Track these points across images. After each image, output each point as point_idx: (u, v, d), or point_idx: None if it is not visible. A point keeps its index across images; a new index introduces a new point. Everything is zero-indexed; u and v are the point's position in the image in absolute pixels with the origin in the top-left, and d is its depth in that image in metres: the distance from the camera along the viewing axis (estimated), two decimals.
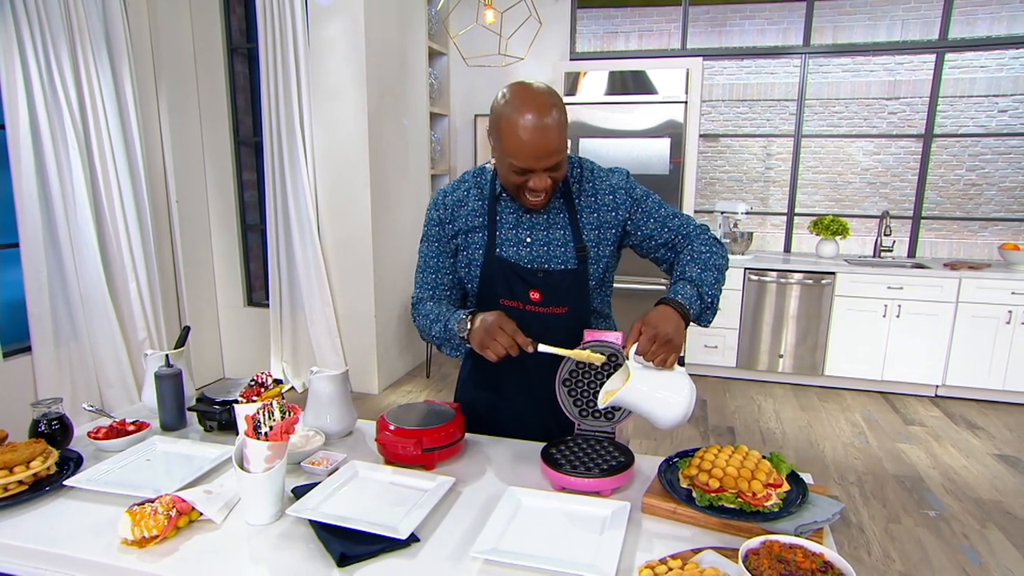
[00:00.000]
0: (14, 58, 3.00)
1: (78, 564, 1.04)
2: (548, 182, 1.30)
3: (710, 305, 1.33)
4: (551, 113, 1.24)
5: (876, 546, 2.59)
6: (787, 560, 0.94)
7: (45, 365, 3.26)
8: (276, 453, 1.12)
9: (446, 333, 1.41)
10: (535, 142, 1.24)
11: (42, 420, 1.35)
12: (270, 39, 3.80)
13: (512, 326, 1.28)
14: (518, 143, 1.25)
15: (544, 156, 1.26)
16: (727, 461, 1.17)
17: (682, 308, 1.26)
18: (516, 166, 1.27)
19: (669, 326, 1.21)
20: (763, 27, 6.77)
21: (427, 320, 1.47)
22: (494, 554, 1.02)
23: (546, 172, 1.28)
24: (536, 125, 1.23)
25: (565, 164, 1.32)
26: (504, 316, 1.31)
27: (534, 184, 1.29)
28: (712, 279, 1.34)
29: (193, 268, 4.20)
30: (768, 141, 6.94)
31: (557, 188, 1.39)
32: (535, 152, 1.25)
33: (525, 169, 1.27)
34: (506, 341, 1.26)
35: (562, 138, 1.27)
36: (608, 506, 1.17)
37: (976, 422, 3.91)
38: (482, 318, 1.32)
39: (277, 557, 1.04)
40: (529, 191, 1.31)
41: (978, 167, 6.51)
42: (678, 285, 1.32)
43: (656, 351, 1.20)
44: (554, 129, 1.25)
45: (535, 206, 1.35)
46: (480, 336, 1.29)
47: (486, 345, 1.28)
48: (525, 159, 1.26)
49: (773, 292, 4.45)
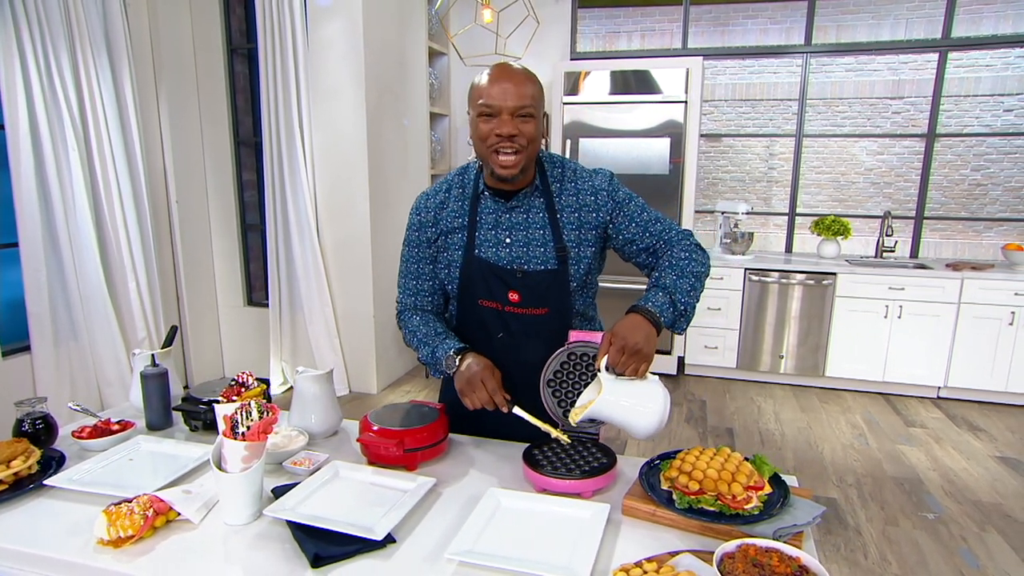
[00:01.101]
0: (14, 59, 3.02)
1: (53, 564, 1.04)
2: (515, 131, 1.30)
3: (683, 313, 1.32)
4: (523, 73, 1.33)
5: (873, 549, 2.57)
6: (762, 564, 0.93)
7: (44, 364, 3.27)
8: (253, 453, 1.12)
9: (433, 360, 1.45)
10: (502, 82, 1.29)
11: (25, 419, 1.36)
12: (269, 39, 3.81)
13: (493, 384, 1.33)
14: (488, 85, 1.30)
15: (511, 95, 1.28)
16: (708, 463, 1.16)
17: (652, 316, 1.25)
18: (483, 105, 1.30)
19: (639, 335, 1.21)
20: (766, 26, 6.75)
21: (414, 337, 1.51)
22: (469, 556, 1.01)
23: (514, 119, 1.30)
24: (506, 72, 1.31)
25: (536, 125, 1.33)
26: (489, 369, 1.35)
27: (501, 129, 1.29)
28: (688, 286, 1.33)
29: (193, 268, 4.22)
30: (771, 141, 6.92)
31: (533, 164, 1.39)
32: (502, 90, 1.28)
33: (492, 109, 1.29)
34: (483, 397, 1.32)
35: (531, 92, 1.31)
36: (588, 508, 1.16)
37: (978, 424, 3.87)
38: (468, 364, 1.36)
39: (252, 557, 1.04)
40: (497, 142, 1.31)
41: (983, 167, 6.46)
42: (651, 292, 1.32)
43: (626, 362, 1.19)
44: (524, 80, 1.31)
45: (507, 168, 1.33)
46: (461, 384, 1.35)
47: (465, 394, 1.34)
48: (492, 96, 1.29)
49: (773, 293, 4.42)
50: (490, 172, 1.38)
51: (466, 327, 1.51)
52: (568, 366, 1.40)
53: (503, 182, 1.37)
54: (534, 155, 1.37)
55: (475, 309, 1.47)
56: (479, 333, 1.48)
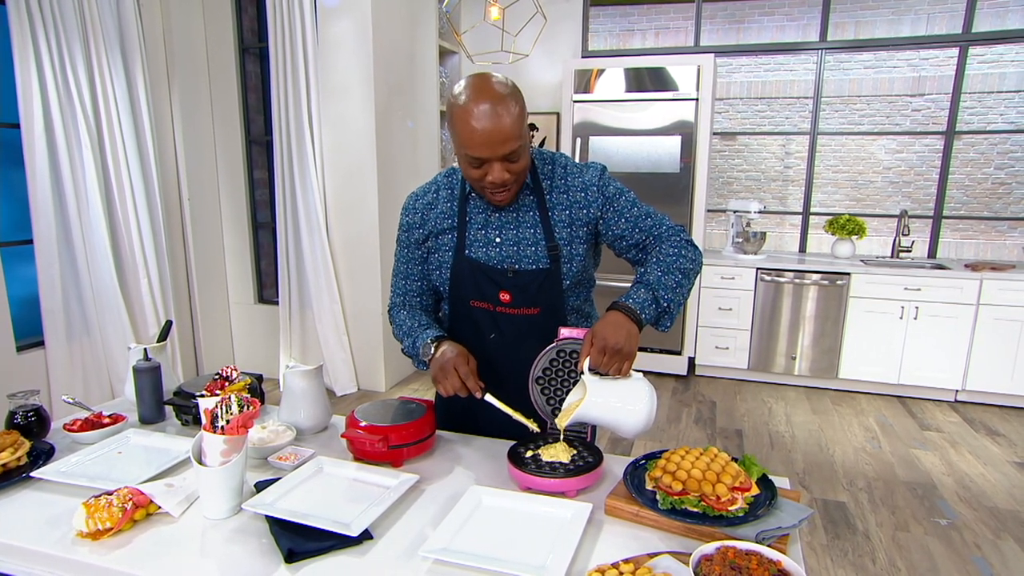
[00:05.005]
0: (29, 58, 3.07)
1: (31, 556, 1.04)
2: (506, 175, 1.26)
3: (667, 310, 1.29)
4: (504, 101, 1.20)
5: (882, 554, 2.51)
6: (740, 567, 0.91)
7: (58, 359, 3.33)
8: (233, 447, 1.12)
9: (414, 350, 1.43)
10: (487, 129, 1.20)
11: (18, 412, 1.37)
12: (280, 38, 3.84)
13: (466, 369, 1.30)
14: (470, 132, 1.21)
15: (498, 143, 1.21)
16: (692, 463, 1.14)
17: (633, 313, 1.23)
18: (470, 156, 1.24)
19: (620, 334, 1.18)
20: (783, 23, 6.65)
21: (400, 331, 1.49)
22: (444, 554, 1.00)
23: (502, 163, 1.24)
24: (488, 112, 1.19)
25: (524, 156, 1.28)
26: (463, 356, 1.33)
27: (492, 177, 1.25)
28: (673, 283, 1.29)
29: (204, 265, 4.26)
30: (787, 139, 6.81)
31: (524, 183, 1.36)
32: (487, 139, 1.20)
33: (480, 160, 1.24)
34: (455, 383, 1.29)
35: (517, 126, 1.23)
36: (569, 507, 1.14)
37: (997, 428, 3.77)
38: (443, 351, 1.34)
39: (228, 552, 1.04)
40: (489, 185, 1.28)
41: (1007, 165, 6.30)
42: (633, 288, 1.29)
43: (608, 362, 1.17)
44: (507, 116, 1.20)
45: (501, 202, 1.33)
46: (435, 370, 1.33)
47: (438, 380, 1.32)
48: (478, 148, 1.22)
49: (786, 293, 4.35)
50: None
51: (458, 328, 1.50)
52: (557, 363, 1.38)
53: None
54: (525, 178, 1.35)
55: (467, 310, 1.46)
56: (471, 334, 1.47)
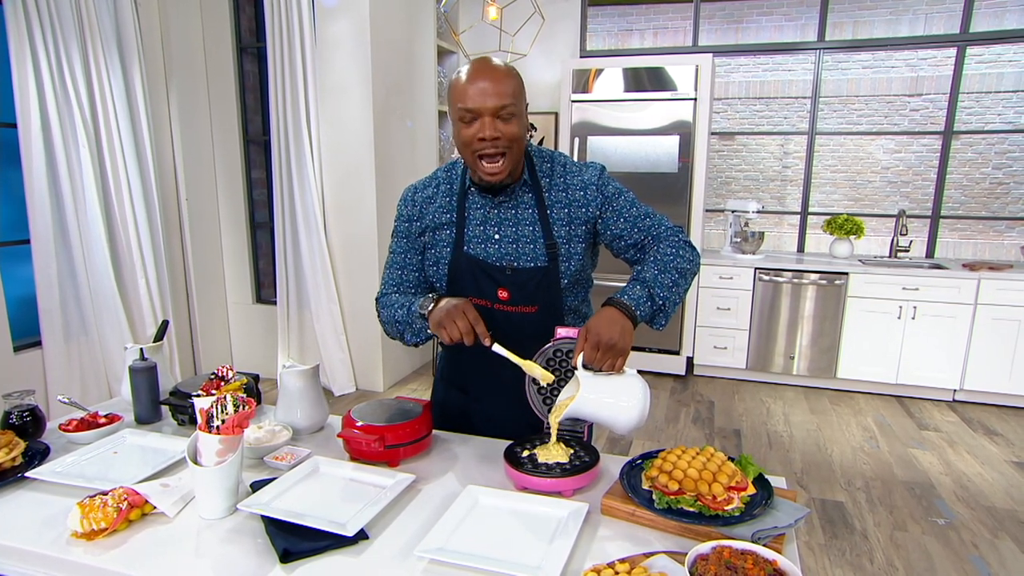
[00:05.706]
0: (26, 57, 3.06)
1: (26, 556, 1.04)
2: (497, 133, 1.26)
3: (662, 308, 1.29)
4: (499, 67, 1.28)
5: (879, 554, 2.51)
6: (736, 567, 0.91)
7: (55, 359, 3.32)
8: (228, 447, 1.11)
9: (408, 316, 1.38)
10: (480, 81, 1.25)
11: (13, 412, 1.36)
12: (278, 38, 3.83)
13: (475, 314, 1.26)
14: (464, 87, 1.26)
15: (490, 94, 1.25)
16: (689, 463, 1.14)
17: (627, 309, 1.23)
18: (462, 110, 1.27)
19: (614, 330, 1.18)
20: (781, 23, 6.65)
21: (391, 309, 1.45)
22: (439, 553, 1.00)
23: (493, 119, 1.26)
24: (482, 70, 1.27)
25: (518, 123, 1.29)
26: (471, 303, 1.29)
27: (483, 132, 1.26)
28: (669, 281, 1.30)
29: (202, 265, 4.26)
30: (785, 139, 6.81)
31: (520, 166, 1.36)
32: (480, 90, 1.25)
33: (471, 113, 1.26)
34: (464, 326, 1.23)
35: (510, 87, 1.27)
36: (565, 507, 1.14)
37: (994, 428, 3.78)
38: (448, 299, 1.30)
39: (223, 552, 1.03)
40: (480, 146, 1.28)
41: (1004, 165, 6.30)
42: (629, 285, 1.29)
43: (602, 358, 1.17)
44: (501, 75, 1.27)
45: (495, 176, 1.31)
46: (440, 316, 1.26)
47: (443, 325, 1.25)
48: (470, 99, 1.26)
49: (784, 292, 4.35)
50: (477, 177, 1.37)
51: None
52: (554, 363, 1.38)
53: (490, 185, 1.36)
54: (520, 155, 1.35)
55: None
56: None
